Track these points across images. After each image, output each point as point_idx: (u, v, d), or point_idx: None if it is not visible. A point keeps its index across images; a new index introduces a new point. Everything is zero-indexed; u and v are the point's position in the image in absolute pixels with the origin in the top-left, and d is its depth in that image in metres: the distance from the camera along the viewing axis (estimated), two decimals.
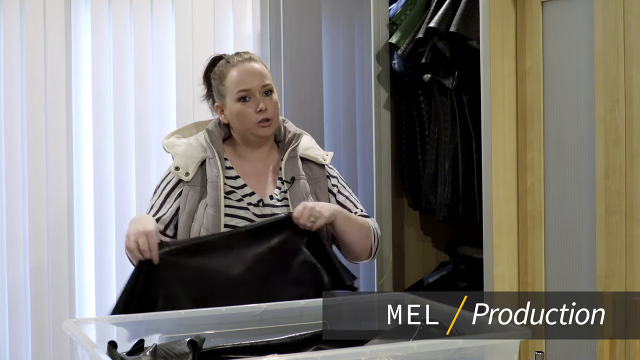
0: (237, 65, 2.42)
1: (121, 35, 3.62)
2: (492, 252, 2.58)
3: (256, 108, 2.37)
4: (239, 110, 2.39)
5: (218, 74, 2.45)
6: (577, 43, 2.38)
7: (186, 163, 2.41)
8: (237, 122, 2.41)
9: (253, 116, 2.38)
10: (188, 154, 2.43)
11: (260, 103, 2.37)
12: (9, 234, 3.52)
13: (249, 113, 2.38)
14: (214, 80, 2.47)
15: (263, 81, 2.40)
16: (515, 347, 1.71)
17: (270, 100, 2.40)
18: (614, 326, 2.23)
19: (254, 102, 2.38)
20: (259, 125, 2.39)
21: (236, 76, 2.40)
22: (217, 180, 2.37)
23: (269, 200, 2.40)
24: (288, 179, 2.42)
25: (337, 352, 1.63)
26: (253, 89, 2.39)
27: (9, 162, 3.51)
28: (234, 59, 2.44)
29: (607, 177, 2.26)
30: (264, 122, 2.38)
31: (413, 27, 3.00)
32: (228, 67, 2.43)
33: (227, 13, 3.77)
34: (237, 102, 2.39)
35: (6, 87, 3.50)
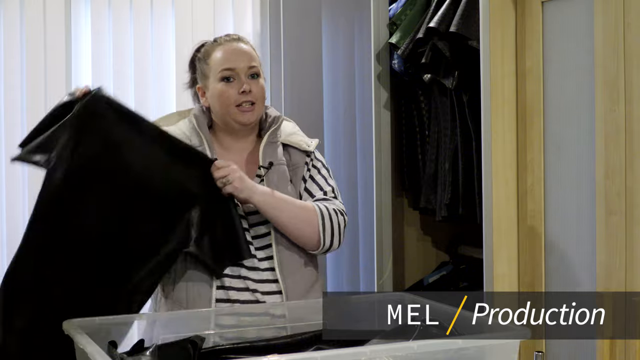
0: (224, 44, 2.27)
1: (121, 35, 3.62)
2: (492, 252, 2.58)
3: (239, 89, 2.21)
4: (221, 90, 2.22)
5: (203, 54, 2.30)
6: (577, 43, 2.38)
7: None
8: (218, 104, 2.24)
9: (235, 97, 2.21)
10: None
11: (245, 84, 2.21)
12: (9, 234, 3.51)
13: (231, 94, 2.21)
14: (199, 61, 2.31)
15: (250, 62, 2.24)
16: (515, 347, 1.71)
17: (256, 84, 2.23)
18: (614, 326, 2.23)
19: (237, 83, 2.22)
20: (240, 110, 2.22)
21: (221, 55, 2.25)
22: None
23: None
24: (266, 164, 2.25)
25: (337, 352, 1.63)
26: (238, 69, 2.22)
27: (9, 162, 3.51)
28: (221, 38, 2.31)
29: (607, 177, 2.25)
30: (246, 105, 2.21)
31: (413, 27, 3.00)
32: (214, 46, 2.28)
33: (227, 13, 3.78)
34: (220, 82, 2.23)
35: (6, 87, 3.50)
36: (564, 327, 2.46)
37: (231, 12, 3.78)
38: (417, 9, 3.06)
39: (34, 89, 3.51)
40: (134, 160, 2.07)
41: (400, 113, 3.26)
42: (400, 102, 3.25)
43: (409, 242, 3.39)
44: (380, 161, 3.17)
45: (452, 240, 3.37)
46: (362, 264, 3.67)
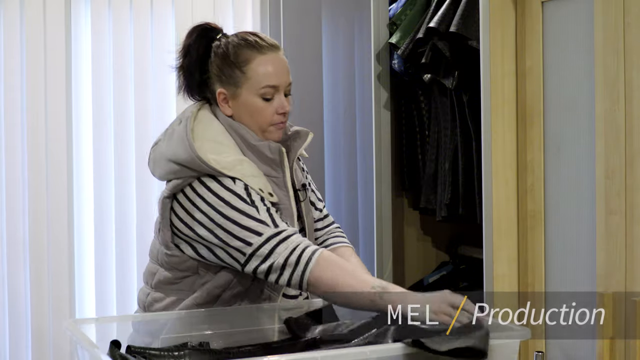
0: (265, 53, 2.01)
1: (121, 35, 3.62)
2: (492, 252, 2.58)
3: (279, 109, 2.01)
4: (259, 107, 2.00)
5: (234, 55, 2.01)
6: (577, 43, 2.38)
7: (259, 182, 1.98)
8: (250, 119, 2.01)
9: (272, 117, 2.01)
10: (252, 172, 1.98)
11: (286, 105, 2.02)
12: (9, 234, 3.52)
13: (269, 113, 2.00)
14: (223, 59, 2.02)
15: (289, 79, 2.04)
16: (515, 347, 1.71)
17: (289, 101, 2.05)
18: (614, 326, 2.23)
19: (277, 101, 2.01)
20: (275, 128, 2.02)
21: (267, 69, 2.00)
22: (289, 205, 2.02)
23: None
24: (299, 187, 2.09)
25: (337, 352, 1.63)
26: (281, 86, 2.01)
27: (9, 162, 3.51)
28: (258, 42, 2.02)
29: (607, 177, 2.25)
30: (279, 124, 2.02)
31: (413, 27, 3.00)
32: (252, 52, 2.00)
33: (227, 13, 3.78)
34: (259, 98, 2.00)
35: (6, 87, 3.50)
36: (564, 327, 2.46)
37: (231, 12, 3.78)
38: (417, 9, 3.06)
39: (34, 89, 3.51)
40: None
41: (400, 113, 3.26)
42: (400, 102, 3.25)
43: (409, 242, 3.39)
44: (380, 161, 3.17)
45: (452, 240, 3.37)
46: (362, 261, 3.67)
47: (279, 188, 2.01)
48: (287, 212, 2.00)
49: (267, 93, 2.00)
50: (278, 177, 2.01)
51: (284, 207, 2.00)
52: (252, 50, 2.00)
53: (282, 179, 2.02)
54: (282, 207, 2.00)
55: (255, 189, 1.95)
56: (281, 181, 2.01)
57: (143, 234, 3.66)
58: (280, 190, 2.01)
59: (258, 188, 1.95)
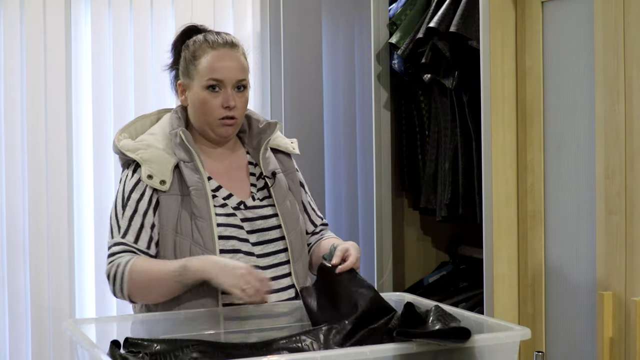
0: (216, 49, 2.14)
1: (121, 35, 3.62)
2: (492, 252, 2.58)
3: (224, 102, 2.11)
4: (204, 99, 2.11)
5: (192, 51, 2.17)
6: (577, 43, 2.38)
7: (159, 169, 2.09)
8: (199, 111, 2.14)
9: (217, 110, 2.11)
10: (157, 157, 2.11)
11: (230, 99, 2.10)
12: (9, 234, 3.52)
13: (214, 105, 2.11)
14: (185, 54, 2.19)
15: (238, 75, 2.13)
16: (515, 347, 1.72)
17: (241, 98, 2.13)
18: (614, 326, 2.23)
19: (223, 95, 2.11)
20: (221, 122, 2.12)
21: (211, 61, 2.12)
22: (203, 187, 2.09)
23: (251, 202, 2.15)
24: (269, 174, 2.18)
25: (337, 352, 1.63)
26: (226, 80, 2.11)
27: (9, 162, 3.51)
28: (213, 39, 2.16)
29: (607, 177, 2.26)
30: (227, 119, 2.12)
31: (413, 27, 3.00)
32: (204, 48, 2.14)
33: (227, 13, 3.78)
34: (205, 90, 2.11)
35: (6, 87, 3.50)
36: (564, 327, 2.47)
37: (231, 12, 3.78)
38: (417, 9, 3.06)
39: (34, 89, 3.51)
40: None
41: (400, 113, 3.26)
42: (400, 102, 3.25)
43: (409, 242, 3.40)
44: (380, 161, 3.17)
45: (452, 240, 3.38)
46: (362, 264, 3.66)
47: (193, 172, 2.10)
48: (200, 193, 2.08)
49: (212, 85, 2.11)
50: (190, 161, 2.11)
51: (196, 189, 2.08)
52: (206, 45, 2.15)
53: (193, 164, 2.10)
54: (194, 189, 2.08)
55: (144, 175, 2.07)
56: (193, 165, 2.10)
57: None
58: (193, 174, 2.10)
59: (147, 175, 2.07)
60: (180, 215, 2.07)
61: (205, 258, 1.99)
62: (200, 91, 2.13)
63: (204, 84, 2.12)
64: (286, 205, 2.18)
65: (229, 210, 2.10)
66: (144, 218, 2.08)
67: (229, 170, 2.18)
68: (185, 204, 2.08)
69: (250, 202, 2.14)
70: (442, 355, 1.65)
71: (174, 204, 2.08)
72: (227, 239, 2.08)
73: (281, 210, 2.16)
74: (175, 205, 2.08)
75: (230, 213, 2.10)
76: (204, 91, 2.12)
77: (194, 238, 2.06)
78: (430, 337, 1.66)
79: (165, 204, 2.08)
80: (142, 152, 2.11)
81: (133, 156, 2.11)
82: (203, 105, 2.12)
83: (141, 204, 2.09)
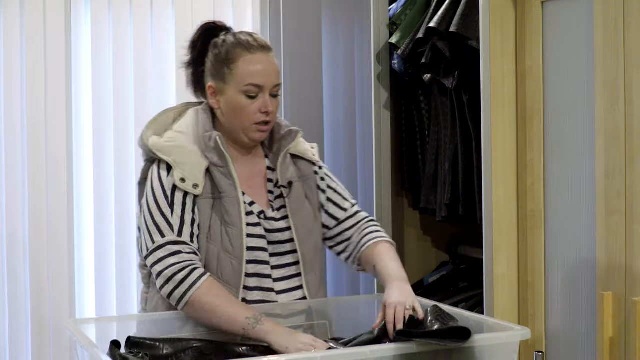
0: (252, 52, 2.07)
1: (121, 35, 3.62)
2: (492, 252, 2.58)
3: (262, 108, 2.05)
4: (242, 104, 2.05)
5: (224, 53, 2.08)
6: (577, 43, 2.38)
7: (192, 172, 2.04)
8: (233, 116, 2.08)
9: (255, 116, 2.06)
10: (190, 160, 2.05)
11: (269, 104, 2.06)
12: (9, 234, 3.52)
13: (251, 111, 2.05)
14: (215, 55, 2.10)
15: (276, 80, 2.08)
16: (515, 347, 1.72)
17: (275, 103, 2.09)
18: (614, 326, 2.23)
19: (261, 100, 2.05)
20: (257, 127, 2.07)
21: (251, 67, 2.05)
22: (235, 194, 2.04)
23: (270, 213, 2.11)
24: (285, 183, 2.13)
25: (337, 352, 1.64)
26: (266, 86, 2.06)
27: (9, 162, 3.51)
28: (249, 42, 2.08)
29: (607, 177, 2.26)
30: (262, 124, 2.07)
31: (413, 27, 3.00)
32: (241, 51, 2.06)
33: (227, 13, 3.78)
34: (242, 95, 2.05)
35: (6, 87, 3.50)
36: (564, 327, 2.47)
37: (231, 12, 3.78)
38: (417, 9, 3.06)
39: (34, 89, 3.51)
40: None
41: (400, 113, 3.26)
42: (400, 102, 3.25)
43: (409, 242, 3.39)
44: (380, 161, 3.17)
45: (452, 240, 3.37)
46: None
47: (225, 178, 2.05)
48: (232, 201, 2.03)
49: (251, 91, 2.05)
50: (223, 166, 2.05)
51: (228, 196, 2.04)
52: (242, 48, 2.07)
53: (226, 169, 2.05)
54: (225, 196, 2.04)
55: (177, 178, 2.01)
56: (226, 171, 2.05)
57: None
58: (226, 179, 2.05)
59: (180, 178, 2.01)
60: (211, 219, 2.03)
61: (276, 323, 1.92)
62: (237, 96, 2.06)
63: (241, 89, 2.05)
64: (300, 216, 2.13)
65: (255, 219, 2.07)
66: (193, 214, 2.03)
67: (251, 176, 2.14)
68: (216, 208, 2.04)
69: (269, 212, 2.10)
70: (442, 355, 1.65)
71: (206, 208, 2.03)
72: (252, 249, 2.05)
73: (295, 221, 2.12)
74: (207, 208, 2.03)
75: (256, 223, 2.07)
76: (241, 96, 2.06)
77: (223, 244, 2.02)
78: (431, 337, 1.66)
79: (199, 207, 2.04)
80: (174, 154, 2.05)
81: (165, 158, 2.05)
82: (240, 110, 2.06)
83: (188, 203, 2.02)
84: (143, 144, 2.11)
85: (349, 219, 2.22)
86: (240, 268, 2.02)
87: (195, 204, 2.03)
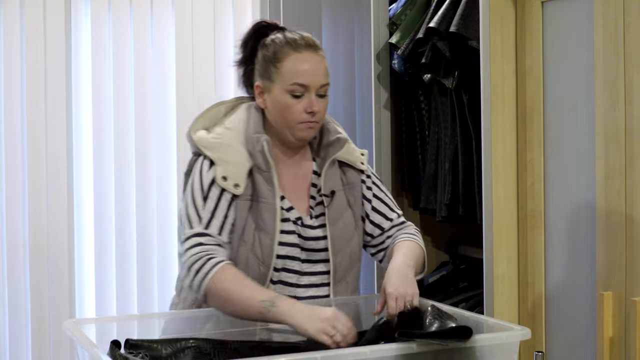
0: (299, 51, 2.04)
1: (121, 35, 3.62)
2: (492, 252, 2.58)
3: (307, 107, 2.02)
4: (287, 104, 2.02)
5: (272, 52, 2.06)
6: (577, 43, 2.38)
7: (235, 172, 2.01)
8: (279, 116, 2.04)
9: (300, 115, 2.02)
10: (234, 159, 2.03)
11: (314, 104, 2.02)
12: (9, 235, 3.52)
13: (296, 110, 2.02)
14: (264, 54, 2.08)
15: (323, 80, 2.04)
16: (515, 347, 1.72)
17: (322, 102, 2.05)
18: (614, 326, 2.23)
19: (306, 100, 2.02)
20: (303, 126, 2.03)
21: (297, 65, 2.03)
22: (273, 202, 2.01)
23: (308, 220, 2.06)
24: (327, 192, 2.08)
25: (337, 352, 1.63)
26: (311, 85, 2.02)
27: (9, 162, 3.52)
28: (296, 41, 2.05)
29: (607, 177, 2.26)
30: (309, 123, 2.03)
31: (413, 27, 3.00)
32: (288, 50, 2.04)
33: (227, 13, 3.78)
34: (288, 95, 2.02)
35: (6, 87, 3.50)
36: (564, 327, 2.47)
37: (231, 12, 3.79)
38: (417, 9, 3.06)
39: (34, 89, 3.51)
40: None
41: (400, 113, 3.26)
42: (400, 102, 3.25)
43: None
44: (380, 161, 3.17)
45: (452, 240, 3.37)
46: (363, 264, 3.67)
47: (266, 183, 2.02)
48: (269, 208, 2.01)
49: (296, 90, 2.02)
50: (266, 172, 2.02)
51: (266, 202, 2.01)
52: (289, 47, 2.04)
53: (268, 174, 2.02)
54: (263, 201, 2.01)
55: (218, 176, 1.99)
56: (268, 176, 2.02)
57: (143, 234, 3.66)
58: (266, 185, 2.02)
59: (222, 176, 1.99)
60: (246, 222, 2.01)
61: (293, 302, 1.86)
62: (282, 95, 2.03)
63: (287, 88, 2.02)
64: (338, 225, 2.09)
65: (290, 226, 2.04)
66: (227, 210, 2.00)
67: (295, 180, 2.10)
68: (253, 211, 2.02)
69: (307, 220, 2.06)
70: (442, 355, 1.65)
71: (244, 209, 2.01)
72: (283, 258, 2.03)
73: (332, 231, 2.07)
74: (244, 210, 2.01)
75: (290, 230, 2.04)
76: (286, 95, 2.03)
77: (253, 248, 2.00)
78: (432, 337, 1.66)
79: (236, 207, 2.01)
80: (219, 152, 2.03)
81: (209, 154, 2.02)
82: (285, 109, 2.03)
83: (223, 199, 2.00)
84: (190, 137, 2.09)
85: (392, 228, 2.16)
86: (267, 274, 2.00)
87: (232, 202, 2.00)
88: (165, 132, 3.69)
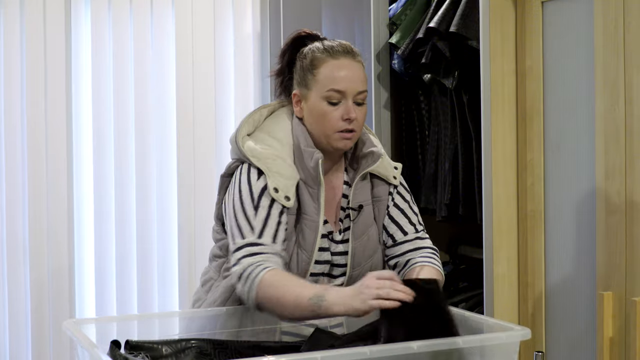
0: (338, 58, 2.01)
1: (121, 36, 3.62)
2: (492, 252, 2.58)
3: (344, 114, 1.98)
4: (323, 111, 1.99)
5: (310, 60, 2.03)
6: (577, 43, 2.38)
7: (286, 185, 1.97)
8: (317, 124, 2.01)
9: (337, 123, 1.98)
10: (285, 172, 1.98)
11: (351, 110, 1.98)
12: (9, 236, 3.52)
13: (333, 117, 1.98)
14: (301, 63, 2.05)
15: (360, 87, 2.01)
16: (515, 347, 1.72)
17: (361, 110, 2.01)
18: (614, 326, 2.23)
19: (343, 107, 1.99)
20: (340, 135, 1.99)
21: (333, 71, 2.00)
22: (317, 220, 1.98)
23: (337, 236, 2.04)
24: (355, 205, 2.04)
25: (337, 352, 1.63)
26: (347, 92, 1.99)
27: (9, 162, 3.52)
28: (333, 47, 2.03)
29: (607, 177, 2.26)
30: (345, 132, 1.99)
31: (413, 27, 3.00)
32: (324, 57, 2.01)
33: (227, 13, 3.78)
34: (324, 102, 1.99)
35: (6, 87, 3.50)
36: (564, 327, 2.47)
37: (231, 12, 3.79)
38: (417, 9, 3.06)
39: (34, 89, 3.51)
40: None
41: (400, 113, 3.26)
42: (400, 102, 3.25)
43: None
44: None
45: (452, 240, 3.37)
46: None
47: (312, 200, 1.99)
48: (312, 226, 1.98)
49: (333, 97, 1.99)
50: (314, 188, 1.99)
51: (309, 219, 1.98)
52: (326, 54, 2.02)
53: (316, 192, 1.99)
54: (307, 219, 1.98)
55: (270, 187, 1.94)
56: (315, 193, 1.99)
57: (143, 234, 3.66)
58: (312, 202, 1.99)
59: (273, 187, 1.94)
60: (290, 235, 1.98)
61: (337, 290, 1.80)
62: (319, 102, 2.00)
63: (323, 95, 1.99)
64: (362, 241, 2.06)
65: (326, 243, 2.01)
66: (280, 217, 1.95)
67: (328, 190, 2.06)
68: (296, 227, 1.99)
69: (337, 236, 2.04)
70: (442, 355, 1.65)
71: (290, 223, 1.98)
72: (315, 275, 2.01)
73: (354, 246, 2.04)
74: (290, 225, 1.98)
75: (325, 248, 2.01)
76: (323, 102, 2.00)
77: (290, 263, 1.97)
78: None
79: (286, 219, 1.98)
80: (269, 163, 1.98)
81: (260, 166, 1.97)
82: (322, 117, 2.00)
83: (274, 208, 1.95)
84: (237, 145, 2.03)
85: (406, 242, 2.10)
86: None
87: (282, 212, 1.96)
88: (165, 132, 3.69)
